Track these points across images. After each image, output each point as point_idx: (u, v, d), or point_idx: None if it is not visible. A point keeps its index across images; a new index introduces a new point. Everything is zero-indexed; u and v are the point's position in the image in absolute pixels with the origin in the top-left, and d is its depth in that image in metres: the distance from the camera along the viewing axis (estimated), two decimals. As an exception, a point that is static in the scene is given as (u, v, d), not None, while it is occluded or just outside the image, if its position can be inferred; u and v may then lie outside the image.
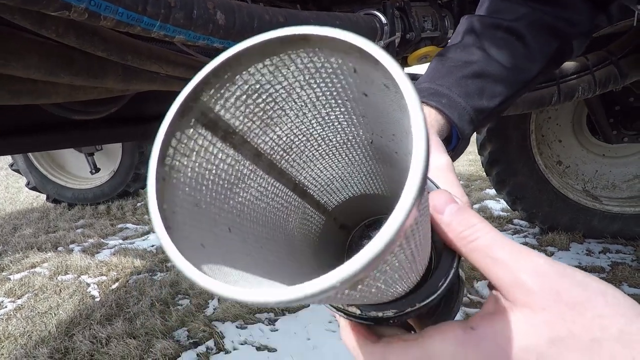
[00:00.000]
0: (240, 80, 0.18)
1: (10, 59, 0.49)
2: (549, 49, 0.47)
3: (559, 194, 2.52)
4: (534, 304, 0.19)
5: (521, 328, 0.19)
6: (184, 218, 0.17)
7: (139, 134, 0.98)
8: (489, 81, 0.45)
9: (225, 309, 2.01)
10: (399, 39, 0.93)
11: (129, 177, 3.91)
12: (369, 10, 0.87)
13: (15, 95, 0.56)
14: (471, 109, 0.45)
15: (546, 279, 0.20)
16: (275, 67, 0.18)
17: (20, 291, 2.44)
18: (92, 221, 3.70)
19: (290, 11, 0.58)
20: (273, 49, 0.17)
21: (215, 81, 0.18)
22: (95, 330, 1.92)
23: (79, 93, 0.66)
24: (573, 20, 0.47)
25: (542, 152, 2.58)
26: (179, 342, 1.83)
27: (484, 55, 0.45)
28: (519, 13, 0.46)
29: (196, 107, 0.18)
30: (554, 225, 2.58)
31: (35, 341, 1.89)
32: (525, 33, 0.45)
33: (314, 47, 0.17)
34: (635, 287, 1.98)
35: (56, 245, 3.16)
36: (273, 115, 0.21)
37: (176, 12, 0.44)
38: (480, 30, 0.47)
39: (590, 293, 0.20)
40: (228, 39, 0.50)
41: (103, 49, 0.55)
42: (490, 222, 1.52)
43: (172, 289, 2.27)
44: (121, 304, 2.16)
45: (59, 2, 0.36)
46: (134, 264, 2.67)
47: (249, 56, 0.17)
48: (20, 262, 2.86)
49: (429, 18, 1.02)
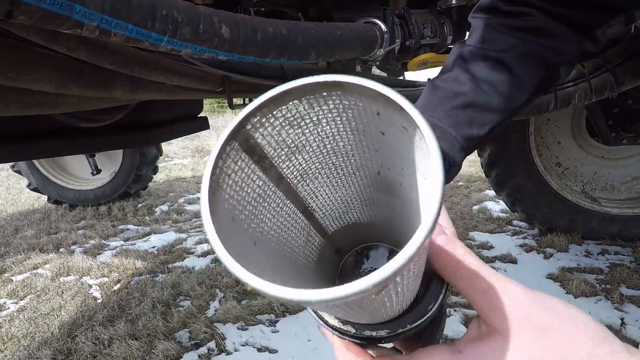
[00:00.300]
0: (279, 113, 0.21)
1: (22, 73, 0.51)
2: (537, 78, 0.49)
3: (558, 195, 2.53)
4: (509, 328, 0.21)
5: (499, 352, 0.21)
6: (224, 229, 0.19)
7: (142, 140, 0.99)
8: (478, 111, 0.47)
9: (226, 310, 2.03)
10: (398, 46, 0.95)
11: (130, 178, 3.92)
12: (368, 18, 0.88)
13: (26, 106, 0.58)
14: (462, 138, 0.47)
15: (520, 306, 0.22)
16: (310, 105, 0.21)
17: (23, 292, 2.45)
18: (93, 222, 3.71)
19: (294, 23, 0.59)
20: (312, 90, 0.20)
21: (259, 113, 0.20)
22: (98, 331, 1.94)
23: (87, 103, 0.67)
24: (560, 49, 0.48)
25: (541, 153, 2.59)
26: (181, 343, 1.84)
27: (473, 85, 0.47)
28: (508, 44, 0.48)
29: (240, 134, 0.20)
30: (553, 227, 2.59)
31: (39, 342, 1.91)
32: (513, 64, 0.47)
33: (345, 91, 0.20)
34: (633, 289, 2.00)
35: (58, 247, 3.18)
36: (299, 145, 0.23)
37: (183, 28, 0.46)
38: (470, 61, 0.48)
39: (561, 318, 0.21)
40: (233, 51, 0.52)
41: (111, 62, 0.56)
42: (490, 222, 1.56)
43: (174, 290, 2.29)
44: (123, 305, 2.18)
45: (72, 20, 0.38)
46: (136, 265, 2.69)
47: (291, 94, 0.20)
48: (22, 264, 2.87)
49: (428, 25, 1.03)
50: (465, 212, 3.26)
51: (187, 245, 2.99)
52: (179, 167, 6.17)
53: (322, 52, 0.64)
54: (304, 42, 0.58)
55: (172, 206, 4.05)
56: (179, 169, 6.07)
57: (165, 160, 6.73)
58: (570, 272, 2.21)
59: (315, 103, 0.21)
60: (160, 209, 3.97)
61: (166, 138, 1.11)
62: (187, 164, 6.42)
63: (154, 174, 4.24)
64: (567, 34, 0.48)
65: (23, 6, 0.35)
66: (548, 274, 2.20)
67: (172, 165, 6.43)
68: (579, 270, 2.23)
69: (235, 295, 2.19)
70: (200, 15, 0.47)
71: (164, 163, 6.48)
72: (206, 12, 0.49)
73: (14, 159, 0.90)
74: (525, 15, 0.48)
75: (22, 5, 0.34)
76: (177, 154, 7.19)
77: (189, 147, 7.42)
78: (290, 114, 0.21)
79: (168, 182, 5.14)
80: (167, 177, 5.52)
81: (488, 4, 0.50)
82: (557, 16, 0.47)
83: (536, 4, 0.47)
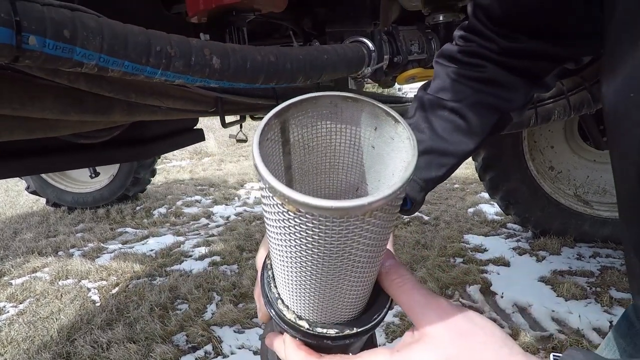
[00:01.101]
0: (309, 112, 0.27)
1: (26, 103, 0.54)
2: (489, 124, 0.53)
3: (550, 199, 2.57)
4: (435, 332, 0.28)
5: (427, 350, 0.27)
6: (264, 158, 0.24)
7: (140, 155, 1.02)
8: (435, 155, 0.52)
9: (223, 313, 2.06)
10: (387, 63, 0.98)
11: (128, 181, 3.94)
12: (356, 37, 0.92)
13: (29, 131, 0.61)
14: (421, 180, 0.52)
15: (445, 315, 0.28)
16: (331, 112, 0.27)
17: (22, 296, 2.48)
18: (91, 225, 3.74)
19: (282, 50, 0.62)
20: (335, 100, 0.26)
21: (294, 107, 0.26)
22: (96, 335, 1.96)
23: (87, 125, 0.70)
24: (510, 98, 0.53)
25: (535, 158, 2.63)
26: (178, 346, 1.87)
27: (431, 133, 0.52)
28: (463, 94, 0.52)
29: (282, 116, 0.26)
30: (546, 230, 2.62)
31: (38, 346, 1.93)
32: (467, 113, 0.52)
33: (358, 105, 0.26)
34: (622, 292, 2.03)
35: (56, 250, 3.20)
36: (309, 143, 0.29)
37: (176, 61, 0.49)
38: (429, 110, 0.54)
39: (475, 326, 0.28)
40: (223, 80, 0.55)
41: (110, 90, 0.59)
42: (484, 225, 1.61)
43: (171, 293, 2.32)
44: (121, 308, 2.21)
45: (72, 61, 0.41)
46: (134, 269, 2.71)
47: (320, 99, 0.26)
48: (21, 267, 2.90)
49: (416, 41, 1.07)
50: (460, 215, 3.30)
51: (185, 248, 3.02)
52: (177, 169, 6.20)
53: (310, 75, 0.68)
54: (292, 68, 0.61)
55: (170, 209, 4.07)
56: (177, 171, 6.10)
57: (163, 162, 6.76)
58: (562, 275, 2.24)
59: (336, 109, 0.27)
60: (159, 212, 4.00)
61: (164, 151, 1.14)
62: (185, 166, 6.45)
63: (152, 177, 4.27)
64: (517, 84, 0.52)
65: (28, 52, 0.38)
66: (540, 277, 2.23)
67: (170, 167, 6.45)
68: (570, 273, 2.27)
69: (232, 298, 2.22)
70: (192, 48, 0.51)
71: (162, 165, 6.50)
72: (197, 44, 0.52)
73: (15, 175, 0.93)
74: (479, 66, 0.52)
75: (27, 52, 0.38)
76: (175, 156, 7.22)
77: (186, 149, 7.45)
78: (316, 114, 0.27)
79: (166, 185, 5.16)
80: (165, 179, 5.55)
81: (449, 53, 0.55)
82: (509, 68, 0.51)
83: (489, 57, 0.52)
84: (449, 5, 1.14)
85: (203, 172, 5.88)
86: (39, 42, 0.38)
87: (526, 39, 0.48)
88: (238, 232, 3.26)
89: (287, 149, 0.28)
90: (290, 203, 0.21)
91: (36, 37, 0.38)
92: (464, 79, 0.53)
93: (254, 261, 2.69)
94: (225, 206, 4.09)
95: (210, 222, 3.68)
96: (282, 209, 0.22)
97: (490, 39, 0.51)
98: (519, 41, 0.49)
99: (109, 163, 1.00)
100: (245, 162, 6.44)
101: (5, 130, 0.58)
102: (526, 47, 0.49)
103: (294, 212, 0.21)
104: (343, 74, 0.81)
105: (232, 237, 3.16)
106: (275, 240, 0.26)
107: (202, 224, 3.63)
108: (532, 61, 0.51)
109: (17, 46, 0.37)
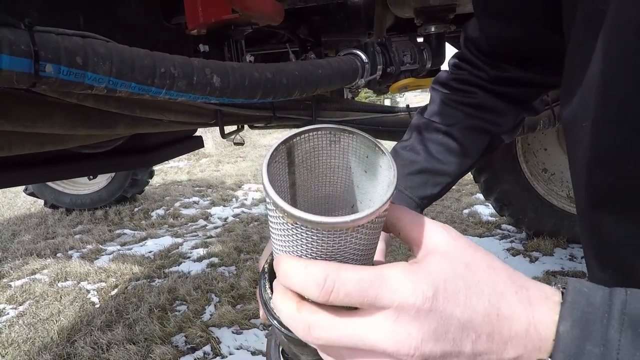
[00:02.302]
0: (312, 140, 0.31)
1: (37, 121, 0.57)
2: (481, 146, 0.58)
3: (544, 200, 2.61)
4: (447, 245, 0.28)
5: (446, 261, 0.27)
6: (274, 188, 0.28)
7: (142, 163, 1.06)
8: (430, 175, 0.57)
9: (222, 314, 2.09)
10: (380, 74, 1.02)
11: (126, 183, 3.96)
12: (349, 50, 0.95)
13: (39, 145, 0.64)
14: (417, 198, 0.56)
15: (449, 230, 0.30)
16: (330, 140, 0.32)
17: (22, 298, 2.50)
18: (90, 227, 3.75)
19: (278, 66, 0.66)
20: (334, 131, 0.31)
21: (299, 136, 0.30)
22: (96, 336, 1.99)
23: (93, 138, 0.74)
24: (499, 122, 0.57)
25: (528, 160, 2.67)
26: (177, 347, 1.90)
27: (426, 154, 0.57)
28: (456, 118, 0.57)
29: (289, 143, 0.30)
30: (539, 231, 2.67)
31: (39, 347, 1.96)
32: (459, 136, 0.56)
33: (353, 137, 0.31)
34: (613, 292, 2.08)
35: (55, 252, 3.22)
36: (311, 165, 0.33)
37: (179, 81, 0.52)
38: (424, 132, 0.58)
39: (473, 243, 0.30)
40: (223, 96, 0.58)
41: (116, 107, 0.63)
42: (479, 226, 1.68)
43: (170, 295, 2.34)
44: (121, 310, 2.23)
45: (84, 85, 0.44)
46: (133, 270, 2.74)
47: (322, 130, 0.31)
48: (20, 269, 2.92)
49: (408, 52, 1.10)
50: (455, 216, 3.34)
51: (183, 250, 3.04)
52: (175, 170, 6.21)
53: (305, 89, 0.71)
54: (288, 83, 0.65)
55: (168, 210, 4.10)
56: (175, 172, 6.12)
57: (160, 164, 6.77)
58: (554, 276, 2.28)
59: (335, 138, 0.32)
60: (157, 213, 4.02)
61: (165, 159, 1.18)
62: (182, 167, 6.47)
63: (150, 179, 4.29)
64: (506, 110, 0.57)
65: (45, 79, 0.41)
66: (533, 278, 2.26)
67: (168, 168, 6.47)
68: (563, 273, 2.31)
69: (230, 300, 2.25)
70: (194, 68, 0.54)
71: (159, 166, 6.51)
72: (199, 64, 0.55)
73: (21, 184, 0.96)
74: (470, 93, 0.57)
75: (44, 78, 0.41)
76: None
77: (184, 150, 7.45)
78: (319, 141, 0.32)
79: (164, 186, 5.18)
80: (163, 180, 5.56)
81: (443, 80, 0.60)
82: (498, 94, 0.56)
83: (479, 84, 0.56)
84: (440, 17, 1.18)
85: (201, 174, 5.90)
86: (54, 70, 0.41)
87: (512, 68, 0.53)
88: (236, 233, 3.28)
89: (292, 169, 0.32)
90: (289, 217, 0.26)
91: (52, 65, 0.41)
92: (457, 104, 0.58)
93: (252, 262, 2.73)
94: (223, 207, 4.12)
95: (208, 223, 3.71)
96: (283, 220, 0.27)
97: (480, 68, 0.56)
98: (506, 70, 0.53)
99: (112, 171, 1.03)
100: (242, 164, 6.46)
101: (18, 144, 0.61)
102: (513, 76, 0.54)
103: (292, 224, 0.26)
104: (338, 87, 0.84)
105: (230, 238, 3.18)
106: (278, 244, 0.30)
107: (200, 226, 3.65)
108: (519, 88, 0.55)
109: (35, 74, 0.40)
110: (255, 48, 1.78)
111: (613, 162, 0.34)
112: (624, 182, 0.34)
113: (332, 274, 0.26)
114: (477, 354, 0.25)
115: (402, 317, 0.25)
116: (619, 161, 0.34)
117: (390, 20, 1.42)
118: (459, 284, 0.26)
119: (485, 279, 0.26)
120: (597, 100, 0.34)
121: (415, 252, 0.29)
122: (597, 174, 0.36)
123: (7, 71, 0.38)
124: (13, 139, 0.61)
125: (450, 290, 0.25)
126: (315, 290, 0.26)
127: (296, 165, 0.32)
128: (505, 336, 0.25)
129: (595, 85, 0.33)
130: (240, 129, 1.22)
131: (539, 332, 0.25)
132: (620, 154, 0.34)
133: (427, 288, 0.25)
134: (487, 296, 0.26)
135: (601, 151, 0.35)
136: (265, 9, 0.75)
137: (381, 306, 0.25)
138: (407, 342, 0.24)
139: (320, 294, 0.26)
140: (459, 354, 0.25)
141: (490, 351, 0.25)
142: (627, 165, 0.33)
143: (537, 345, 0.25)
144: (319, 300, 0.26)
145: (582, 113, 0.36)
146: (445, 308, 0.25)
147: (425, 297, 0.25)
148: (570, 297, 0.25)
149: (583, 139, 0.36)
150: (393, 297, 0.25)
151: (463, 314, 0.25)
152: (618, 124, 0.33)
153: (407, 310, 0.25)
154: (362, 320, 0.26)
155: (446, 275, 0.26)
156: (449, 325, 0.25)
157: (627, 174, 0.33)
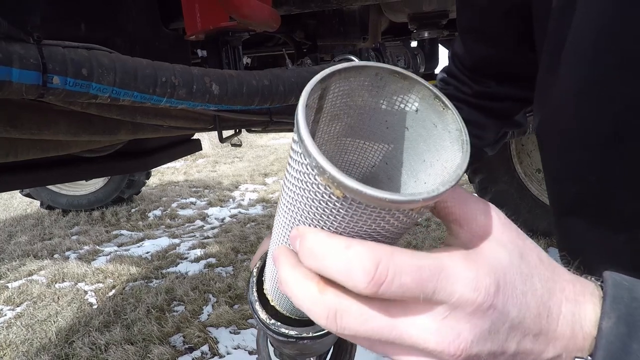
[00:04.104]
0: (352, 80, 0.24)
1: (42, 128, 0.59)
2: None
3: (537, 201, 2.65)
4: (500, 231, 0.24)
5: (501, 249, 0.24)
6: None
7: (141, 166, 1.08)
8: None
9: (219, 315, 2.11)
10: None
11: (123, 184, 3.96)
12: (344, 55, 0.97)
13: (43, 151, 0.67)
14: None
15: (497, 213, 0.26)
16: (373, 84, 0.25)
17: (19, 299, 2.51)
18: (87, 228, 3.75)
19: (274, 72, 0.68)
20: (382, 73, 0.24)
21: (338, 74, 0.24)
22: (94, 337, 2.00)
23: (95, 143, 0.76)
24: (483, 136, 0.60)
25: (522, 161, 2.71)
26: (175, 347, 1.92)
27: None
28: None
29: (325, 82, 0.23)
30: (533, 230, 2.70)
31: (37, 348, 1.97)
32: None
33: (405, 82, 0.24)
34: (605, 291, 2.11)
35: (52, 253, 3.22)
36: (340, 113, 0.26)
37: (180, 89, 0.54)
38: None
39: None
40: (222, 104, 0.61)
41: (118, 114, 0.65)
42: None
43: (168, 295, 2.36)
44: (118, 311, 2.24)
45: (88, 95, 0.46)
46: (130, 271, 2.75)
47: (366, 69, 0.24)
48: (17, 270, 2.92)
49: (402, 57, 1.13)
50: (450, 216, 3.37)
51: (180, 251, 3.05)
52: (172, 171, 6.21)
53: (301, 96, 0.73)
54: (285, 90, 0.67)
55: (165, 211, 4.10)
56: (172, 172, 6.11)
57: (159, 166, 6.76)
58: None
59: (382, 82, 0.24)
60: (154, 214, 4.03)
61: (164, 162, 1.20)
62: (179, 168, 6.47)
63: (146, 179, 4.29)
64: (488, 124, 0.59)
65: (52, 90, 0.43)
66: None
67: (165, 169, 6.46)
68: (556, 273, 2.34)
69: (227, 300, 2.27)
70: (194, 77, 0.56)
71: (156, 167, 6.50)
72: (198, 73, 0.57)
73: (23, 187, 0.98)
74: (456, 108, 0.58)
75: (51, 90, 0.43)
76: (170, 157, 7.22)
77: (181, 150, 7.45)
78: (358, 84, 0.25)
79: (161, 186, 5.18)
80: (160, 180, 5.56)
81: None
82: (481, 108, 0.58)
83: (464, 99, 0.59)
84: (434, 23, 1.21)
85: (197, 174, 5.90)
86: (61, 81, 0.43)
87: (494, 83, 0.56)
88: (233, 234, 3.30)
89: (317, 117, 0.25)
90: (338, 187, 0.19)
91: (59, 77, 0.43)
92: None
93: (249, 263, 2.74)
94: (220, 208, 4.13)
95: (205, 224, 3.72)
96: (324, 189, 0.20)
97: (465, 83, 0.58)
98: (488, 86, 0.56)
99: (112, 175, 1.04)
100: (239, 164, 6.47)
101: (24, 151, 0.63)
102: (495, 91, 0.56)
103: (340, 197, 0.20)
104: (333, 92, 0.86)
105: (227, 239, 3.20)
106: (299, 213, 0.24)
107: (197, 226, 3.66)
108: (502, 103, 0.58)
109: (43, 85, 0.42)
110: (252, 51, 1.80)
111: (579, 173, 0.37)
112: (590, 192, 0.36)
113: (385, 258, 0.20)
114: (518, 353, 0.23)
115: (455, 315, 0.21)
116: (584, 172, 0.36)
117: (385, 24, 1.45)
118: (516, 279, 0.23)
119: (537, 273, 0.24)
120: (565, 116, 0.36)
121: (456, 232, 0.25)
122: (565, 184, 0.39)
123: (17, 84, 0.40)
124: (20, 145, 0.63)
125: (509, 286, 0.22)
126: (362, 279, 0.20)
127: (323, 112, 0.25)
128: (550, 337, 0.23)
129: (563, 104, 0.36)
130: (238, 132, 1.24)
131: (584, 331, 0.23)
132: (586, 166, 0.36)
133: (490, 283, 0.22)
134: (540, 294, 0.23)
135: (569, 163, 0.37)
136: (262, 16, 0.77)
137: (436, 301, 0.21)
138: (456, 343, 0.21)
139: (370, 284, 0.20)
140: (502, 353, 0.23)
141: (531, 352, 0.23)
142: (592, 176, 0.36)
143: (580, 345, 0.23)
144: (364, 292, 0.20)
145: (551, 127, 0.38)
146: (504, 307, 0.22)
147: (487, 293, 0.21)
148: (611, 290, 0.23)
149: (553, 151, 0.39)
150: (452, 291, 0.21)
151: (518, 315, 0.22)
152: (584, 138, 0.35)
153: (464, 307, 0.21)
154: (405, 313, 0.22)
155: (505, 267, 0.23)
156: (501, 325, 0.22)
157: (592, 184, 0.36)
